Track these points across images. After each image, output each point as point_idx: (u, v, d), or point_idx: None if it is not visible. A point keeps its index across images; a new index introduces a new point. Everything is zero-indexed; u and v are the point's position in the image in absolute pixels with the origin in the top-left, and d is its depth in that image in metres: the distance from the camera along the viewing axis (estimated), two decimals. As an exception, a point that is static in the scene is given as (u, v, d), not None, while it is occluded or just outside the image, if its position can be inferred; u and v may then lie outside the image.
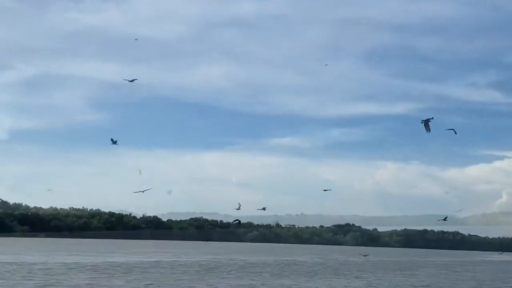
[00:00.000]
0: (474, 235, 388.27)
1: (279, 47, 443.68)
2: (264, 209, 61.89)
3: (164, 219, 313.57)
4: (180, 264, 66.18)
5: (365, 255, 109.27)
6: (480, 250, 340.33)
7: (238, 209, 71.20)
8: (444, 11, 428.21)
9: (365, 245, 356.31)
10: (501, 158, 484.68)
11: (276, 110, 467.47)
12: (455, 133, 58.41)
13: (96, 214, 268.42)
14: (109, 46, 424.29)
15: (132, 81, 56.33)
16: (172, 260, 73.60)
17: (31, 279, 40.49)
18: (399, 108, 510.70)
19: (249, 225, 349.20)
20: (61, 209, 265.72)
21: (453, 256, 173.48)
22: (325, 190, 49.78)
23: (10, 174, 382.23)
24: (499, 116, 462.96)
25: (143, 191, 59.26)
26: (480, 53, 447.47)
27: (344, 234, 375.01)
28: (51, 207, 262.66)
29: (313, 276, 54.42)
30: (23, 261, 61.17)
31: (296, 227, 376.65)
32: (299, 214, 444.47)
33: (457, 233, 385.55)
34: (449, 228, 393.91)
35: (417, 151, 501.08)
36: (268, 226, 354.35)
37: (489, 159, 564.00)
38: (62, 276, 43.98)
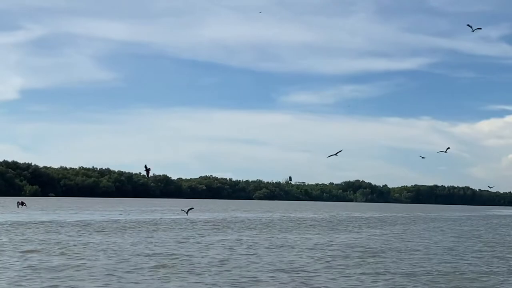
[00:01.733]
0: (484, 190, 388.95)
1: (288, 3, 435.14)
2: (290, 178, 59.29)
3: (175, 177, 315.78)
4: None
5: None
6: (491, 205, 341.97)
7: (289, 181, 69.29)
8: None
9: (375, 201, 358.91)
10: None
11: (285, 67, 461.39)
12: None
13: (105, 173, 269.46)
14: (117, 4, 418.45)
15: None
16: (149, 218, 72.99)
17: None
18: (410, 63, 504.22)
19: (259, 183, 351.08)
20: (70, 168, 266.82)
21: (456, 211, 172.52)
22: (336, 154, 47.73)
23: (21, 133, 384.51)
24: (511, 70, 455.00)
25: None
26: (492, 5, 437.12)
27: (353, 190, 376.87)
28: (61, 167, 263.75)
29: (288, 231, 53.34)
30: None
31: (306, 183, 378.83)
32: (309, 171, 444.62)
33: (468, 188, 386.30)
34: (458, 183, 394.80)
35: (427, 107, 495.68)
36: (277, 184, 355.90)
37: (500, 114, 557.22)
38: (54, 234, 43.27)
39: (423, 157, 73.78)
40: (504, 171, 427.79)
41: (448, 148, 61.21)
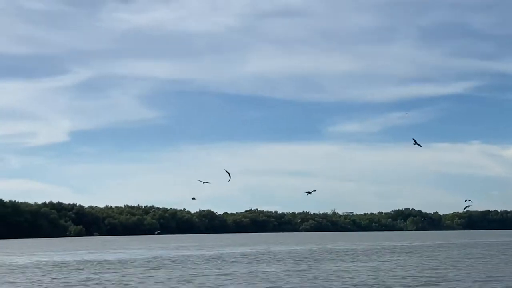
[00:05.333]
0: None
1: (330, 33, 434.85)
2: (310, 192, 56.88)
3: (221, 212, 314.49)
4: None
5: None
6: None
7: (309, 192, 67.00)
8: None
9: (426, 229, 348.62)
10: None
11: (330, 97, 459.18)
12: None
13: (149, 211, 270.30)
14: (159, 44, 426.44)
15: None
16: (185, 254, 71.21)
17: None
18: (456, 88, 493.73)
19: (305, 214, 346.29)
20: (116, 207, 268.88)
21: (502, 236, 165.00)
22: (311, 192, 45.85)
23: (71, 175, 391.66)
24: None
25: (204, 182, 57.00)
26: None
27: (404, 219, 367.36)
28: (106, 206, 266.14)
29: (315, 261, 50.51)
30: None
31: (354, 214, 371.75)
32: (357, 200, 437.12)
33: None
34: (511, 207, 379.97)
35: (476, 131, 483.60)
36: (324, 214, 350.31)
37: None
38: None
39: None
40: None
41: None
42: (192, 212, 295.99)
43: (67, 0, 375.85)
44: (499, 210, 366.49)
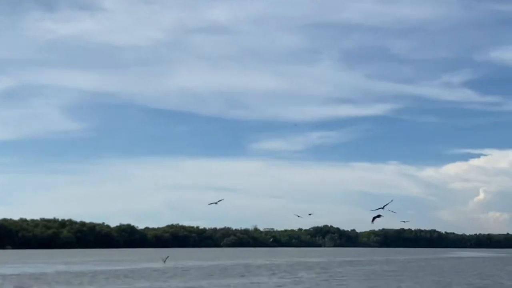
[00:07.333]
0: (451, 232, 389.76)
1: (256, 52, 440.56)
2: (216, 203, 57.45)
3: (142, 226, 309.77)
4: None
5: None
6: (457, 247, 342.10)
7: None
8: (416, 11, 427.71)
9: (343, 246, 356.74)
10: (477, 156, 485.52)
11: (254, 115, 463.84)
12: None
13: (66, 224, 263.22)
14: (85, 55, 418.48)
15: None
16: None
17: None
18: (375, 109, 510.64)
19: (226, 230, 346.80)
20: (31, 220, 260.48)
21: (417, 254, 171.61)
22: (216, 203, 47.21)
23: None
24: (474, 114, 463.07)
25: (216, 203, 55.08)
26: (453, 52, 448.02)
27: (322, 236, 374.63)
28: (20, 218, 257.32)
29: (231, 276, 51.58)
30: None
31: (275, 230, 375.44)
32: (278, 217, 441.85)
33: (434, 231, 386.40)
34: (426, 226, 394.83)
35: (394, 152, 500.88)
36: (245, 230, 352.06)
37: (465, 157, 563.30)
38: None
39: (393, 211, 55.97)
40: (470, 214, 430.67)
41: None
42: (112, 226, 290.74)
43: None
44: (413, 229, 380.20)
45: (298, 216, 67.57)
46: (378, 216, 46.45)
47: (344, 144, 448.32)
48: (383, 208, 46.03)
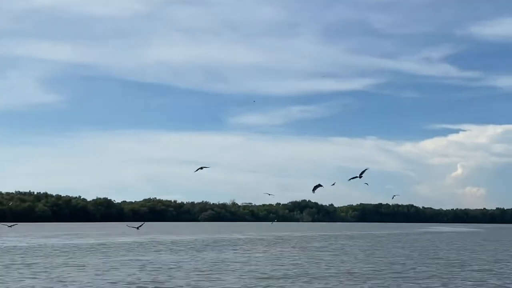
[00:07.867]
0: (428, 207, 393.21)
1: (235, 24, 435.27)
2: (202, 168, 55.54)
3: (119, 200, 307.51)
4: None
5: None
6: (434, 222, 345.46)
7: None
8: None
9: (321, 220, 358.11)
10: (456, 131, 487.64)
11: (234, 89, 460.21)
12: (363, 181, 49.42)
13: (42, 197, 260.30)
14: (61, 26, 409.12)
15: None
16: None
17: None
18: (356, 84, 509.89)
19: (204, 204, 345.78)
20: (6, 193, 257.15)
21: (395, 228, 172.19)
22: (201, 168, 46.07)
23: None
24: (453, 89, 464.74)
25: (202, 168, 52.89)
26: (434, 27, 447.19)
27: (300, 210, 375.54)
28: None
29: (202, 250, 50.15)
30: None
31: (253, 204, 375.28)
32: (257, 191, 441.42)
33: (411, 206, 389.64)
34: (404, 201, 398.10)
35: (373, 127, 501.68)
36: (223, 205, 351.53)
37: (444, 132, 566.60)
38: None
39: (366, 184, 59.02)
40: (448, 189, 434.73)
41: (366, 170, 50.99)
42: (88, 199, 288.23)
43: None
44: (390, 204, 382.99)
45: (269, 195, 65.88)
46: (319, 185, 47.56)
47: (324, 119, 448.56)
48: (360, 176, 45.06)
